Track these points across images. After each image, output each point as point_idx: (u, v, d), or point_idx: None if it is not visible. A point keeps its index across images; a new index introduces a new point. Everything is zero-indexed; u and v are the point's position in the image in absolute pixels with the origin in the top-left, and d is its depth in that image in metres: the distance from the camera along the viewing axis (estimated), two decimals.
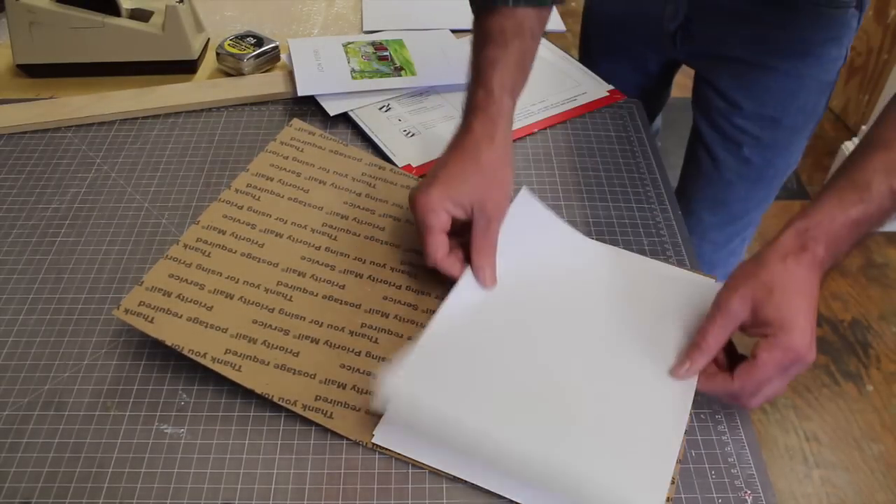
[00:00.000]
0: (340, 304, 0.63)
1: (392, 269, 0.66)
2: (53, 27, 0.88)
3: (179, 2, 0.89)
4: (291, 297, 0.63)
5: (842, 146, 1.95)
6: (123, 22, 0.89)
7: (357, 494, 0.53)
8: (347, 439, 0.55)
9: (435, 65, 0.91)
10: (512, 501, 0.52)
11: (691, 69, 0.95)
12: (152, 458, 0.54)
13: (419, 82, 0.88)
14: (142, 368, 0.60)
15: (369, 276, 0.65)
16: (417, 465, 0.54)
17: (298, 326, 0.61)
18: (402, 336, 0.61)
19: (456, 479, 0.53)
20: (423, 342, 0.58)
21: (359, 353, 0.60)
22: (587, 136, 0.84)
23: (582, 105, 0.88)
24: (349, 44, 0.94)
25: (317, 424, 0.56)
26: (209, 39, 0.97)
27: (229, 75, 0.92)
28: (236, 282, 0.63)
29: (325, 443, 0.55)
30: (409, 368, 0.55)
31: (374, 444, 0.55)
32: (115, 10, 0.89)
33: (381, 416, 0.56)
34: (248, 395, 0.57)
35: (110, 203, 0.74)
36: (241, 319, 0.60)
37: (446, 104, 0.87)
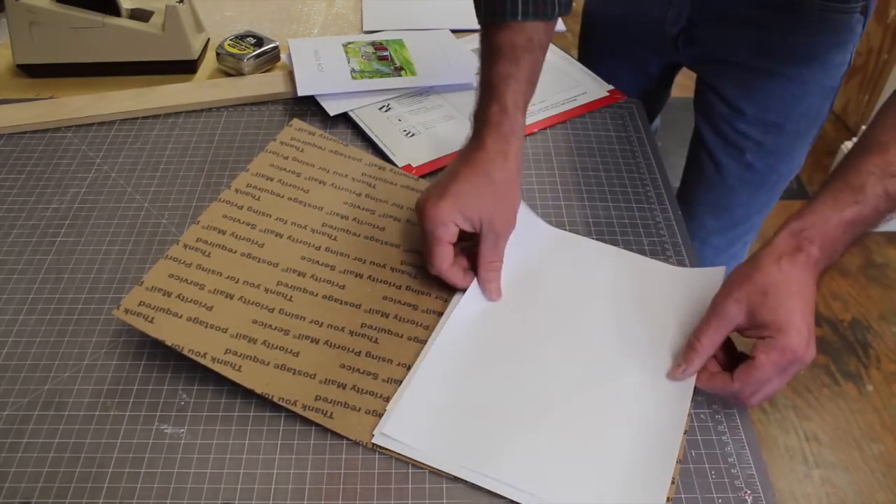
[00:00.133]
0: (340, 304, 0.63)
1: (392, 269, 0.66)
2: (53, 27, 0.88)
3: (179, 2, 0.89)
4: (291, 297, 0.63)
5: (842, 146, 1.95)
6: (123, 22, 0.89)
7: (357, 494, 0.53)
8: (347, 439, 0.55)
9: (435, 65, 0.91)
10: (512, 501, 0.52)
11: (693, 72, 0.95)
12: (152, 458, 0.54)
13: (419, 82, 0.88)
14: (142, 368, 0.60)
15: (369, 276, 0.65)
16: (417, 465, 0.54)
17: (298, 326, 0.61)
18: (402, 336, 0.61)
19: (456, 479, 0.53)
20: (430, 358, 0.59)
21: (359, 353, 0.60)
22: (587, 136, 0.84)
23: (582, 105, 0.88)
24: (349, 44, 0.94)
25: (317, 424, 0.56)
26: (209, 39, 0.97)
27: (229, 75, 0.92)
28: (236, 282, 0.63)
29: (325, 443, 0.55)
30: (412, 392, 0.57)
31: (374, 444, 0.55)
32: (115, 10, 0.89)
33: (381, 416, 0.56)
34: (248, 395, 0.57)
35: (110, 203, 0.74)
36: (241, 319, 0.60)
37: (446, 104, 0.87)
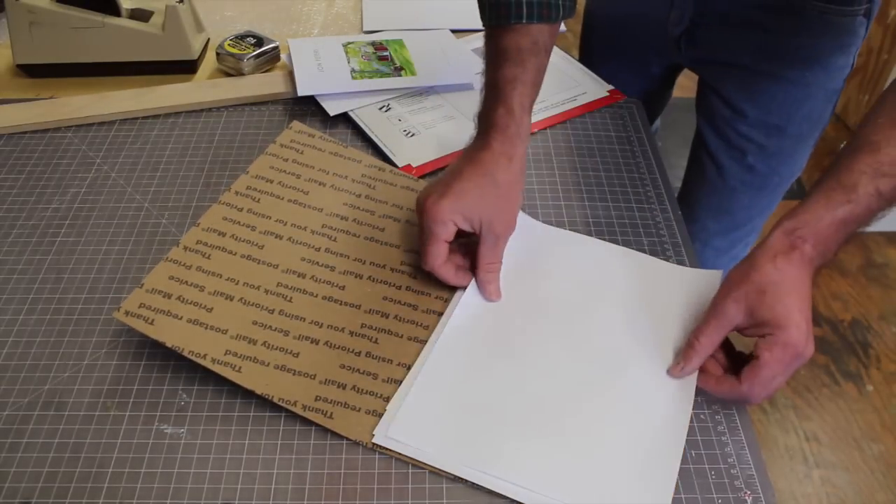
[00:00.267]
0: (340, 304, 0.63)
1: (392, 269, 0.66)
2: (53, 27, 0.88)
3: (179, 2, 0.89)
4: (291, 298, 0.63)
5: (841, 146, 1.95)
6: (123, 22, 0.89)
7: (357, 494, 0.53)
8: (347, 439, 0.55)
9: (435, 65, 0.91)
10: (513, 501, 0.52)
11: (695, 74, 0.95)
12: (152, 458, 0.54)
13: (419, 82, 0.88)
14: (142, 368, 0.60)
15: (369, 277, 0.65)
16: (417, 465, 0.54)
17: (298, 327, 0.61)
18: (402, 336, 0.61)
19: (456, 479, 0.53)
20: (432, 358, 0.59)
21: (359, 354, 0.60)
22: (587, 136, 0.84)
23: (582, 105, 0.88)
24: (349, 44, 0.94)
25: (317, 424, 0.56)
26: (209, 39, 0.97)
27: (229, 75, 0.92)
28: (236, 283, 0.63)
29: (325, 443, 0.55)
30: (413, 396, 0.57)
31: (374, 444, 0.55)
32: (115, 10, 0.89)
33: (381, 415, 0.56)
34: (248, 395, 0.57)
35: (110, 203, 0.74)
36: (241, 321, 0.60)
37: (446, 104, 0.87)
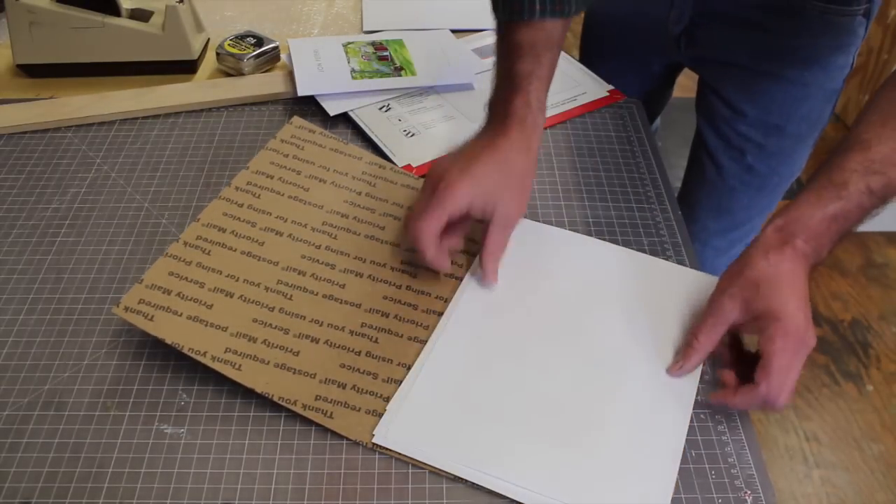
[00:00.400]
0: (341, 303, 0.63)
1: (392, 268, 0.66)
2: (53, 27, 0.88)
3: (179, 2, 0.89)
4: (291, 295, 0.63)
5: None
6: (123, 22, 0.89)
7: (357, 494, 0.53)
8: (347, 439, 0.55)
9: (435, 65, 0.91)
10: (513, 501, 0.52)
11: (695, 73, 0.95)
12: (152, 458, 0.54)
13: (419, 82, 0.88)
14: (142, 368, 0.60)
15: (369, 276, 0.65)
16: (417, 465, 0.54)
17: (298, 325, 0.61)
18: (402, 336, 0.61)
19: (456, 479, 0.53)
20: (433, 358, 0.59)
21: (359, 353, 0.60)
22: (587, 136, 0.84)
23: (582, 105, 0.88)
24: (349, 44, 0.94)
25: (317, 424, 0.56)
26: (209, 39, 0.97)
27: (229, 75, 0.92)
28: (236, 280, 0.63)
29: (325, 443, 0.55)
30: (413, 397, 0.57)
31: (374, 444, 0.55)
32: (115, 10, 0.89)
33: (381, 415, 0.56)
34: (248, 394, 0.57)
35: (110, 203, 0.74)
36: (241, 318, 0.60)
37: (446, 104, 0.87)
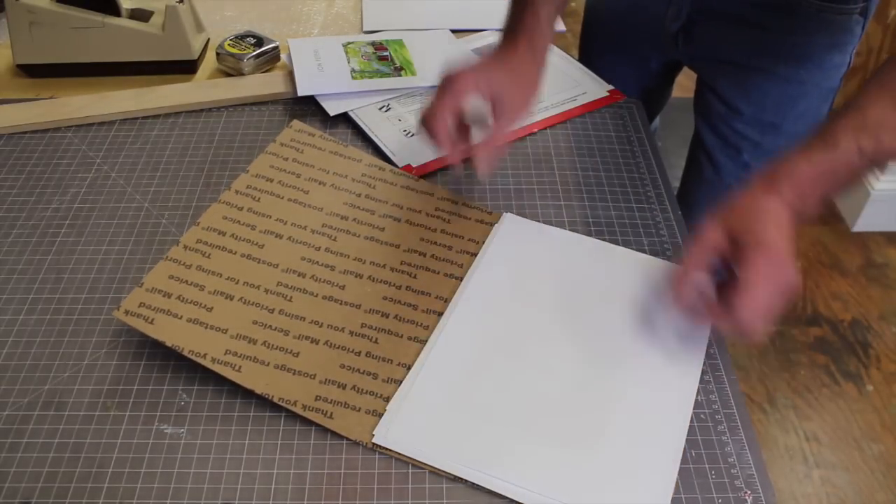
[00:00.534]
0: (340, 304, 0.63)
1: (392, 269, 0.66)
2: (53, 27, 0.88)
3: (179, 2, 0.89)
4: (291, 297, 0.63)
5: None
6: (123, 22, 0.89)
7: (357, 494, 0.53)
8: (347, 439, 0.55)
9: (435, 65, 0.90)
10: (513, 501, 0.52)
11: (693, 71, 0.95)
12: (152, 458, 0.54)
13: (419, 82, 0.88)
14: (142, 368, 0.60)
15: (369, 277, 0.65)
16: (417, 465, 0.54)
17: (298, 327, 0.61)
18: (401, 336, 0.61)
19: (456, 479, 0.53)
20: (432, 359, 0.59)
21: (359, 354, 0.60)
22: (587, 136, 0.84)
23: (582, 105, 0.88)
24: (349, 44, 0.94)
25: (317, 424, 0.56)
26: (209, 39, 0.97)
27: (229, 75, 0.92)
28: (236, 283, 0.63)
29: (325, 443, 0.55)
30: (411, 402, 0.57)
31: (374, 444, 0.55)
32: (115, 10, 0.89)
33: (381, 415, 0.56)
34: (248, 395, 0.57)
35: (110, 203, 0.74)
36: (241, 320, 0.60)
37: None
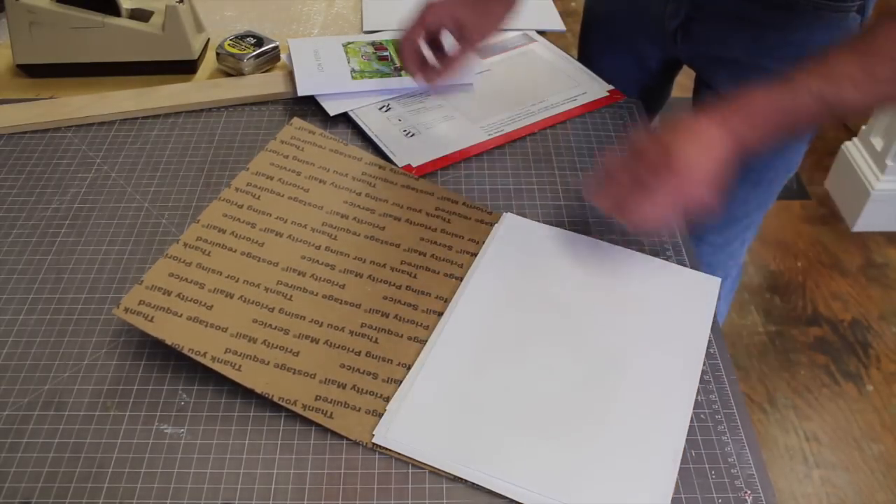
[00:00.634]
0: (340, 303, 0.63)
1: (392, 268, 0.66)
2: (53, 27, 0.88)
3: (179, 2, 0.89)
4: (291, 296, 0.63)
5: (842, 146, 1.94)
6: (123, 22, 0.89)
7: (357, 494, 0.53)
8: (347, 439, 0.55)
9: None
10: (513, 501, 0.52)
11: (693, 71, 0.95)
12: (152, 458, 0.54)
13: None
14: (142, 368, 0.60)
15: (369, 276, 0.65)
16: (417, 465, 0.54)
17: (298, 326, 0.61)
18: (402, 336, 0.61)
19: (456, 479, 0.53)
20: (432, 359, 0.59)
21: (359, 353, 0.60)
22: (587, 136, 0.84)
23: (582, 105, 0.88)
24: (349, 44, 0.94)
25: (317, 424, 0.56)
26: (209, 39, 0.97)
27: (229, 75, 0.92)
28: (236, 281, 0.63)
29: (325, 443, 0.55)
30: (411, 403, 0.57)
31: (374, 444, 0.55)
32: (115, 10, 0.89)
33: (381, 415, 0.56)
34: (248, 395, 0.57)
35: (110, 203, 0.74)
36: (241, 319, 0.60)
37: (446, 104, 0.87)
